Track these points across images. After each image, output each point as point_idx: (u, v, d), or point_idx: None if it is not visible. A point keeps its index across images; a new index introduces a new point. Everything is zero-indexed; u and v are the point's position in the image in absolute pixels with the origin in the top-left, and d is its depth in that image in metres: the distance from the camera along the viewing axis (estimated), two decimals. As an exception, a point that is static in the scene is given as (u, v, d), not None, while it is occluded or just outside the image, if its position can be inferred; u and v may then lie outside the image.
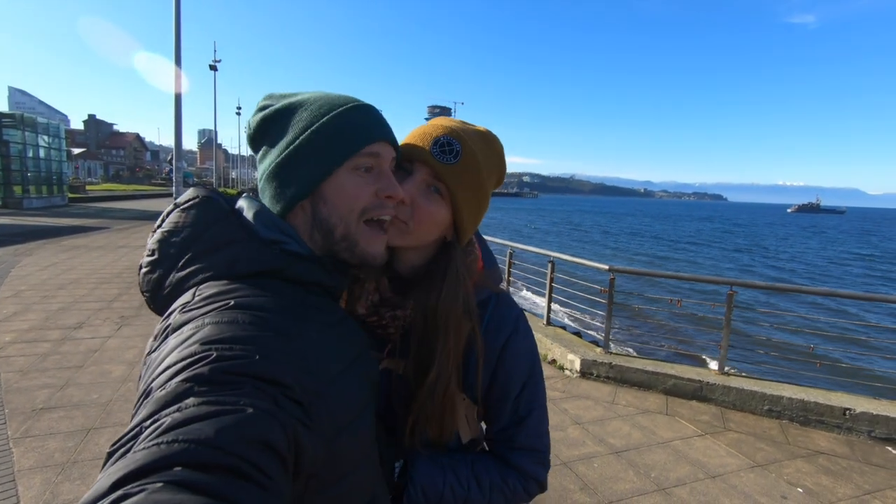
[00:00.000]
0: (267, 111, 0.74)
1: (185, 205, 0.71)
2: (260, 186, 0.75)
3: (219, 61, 30.26)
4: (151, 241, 0.70)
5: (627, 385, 4.58)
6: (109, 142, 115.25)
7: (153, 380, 0.50)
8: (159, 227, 0.70)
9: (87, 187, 38.66)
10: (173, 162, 11.41)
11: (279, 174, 0.72)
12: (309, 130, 0.71)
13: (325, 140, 0.70)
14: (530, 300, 7.84)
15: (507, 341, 0.88)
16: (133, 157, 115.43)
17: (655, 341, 7.96)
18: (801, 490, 3.07)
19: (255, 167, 0.82)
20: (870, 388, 4.39)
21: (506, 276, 6.83)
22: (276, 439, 0.46)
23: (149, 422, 0.43)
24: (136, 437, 0.42)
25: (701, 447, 3.51)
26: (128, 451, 0.41)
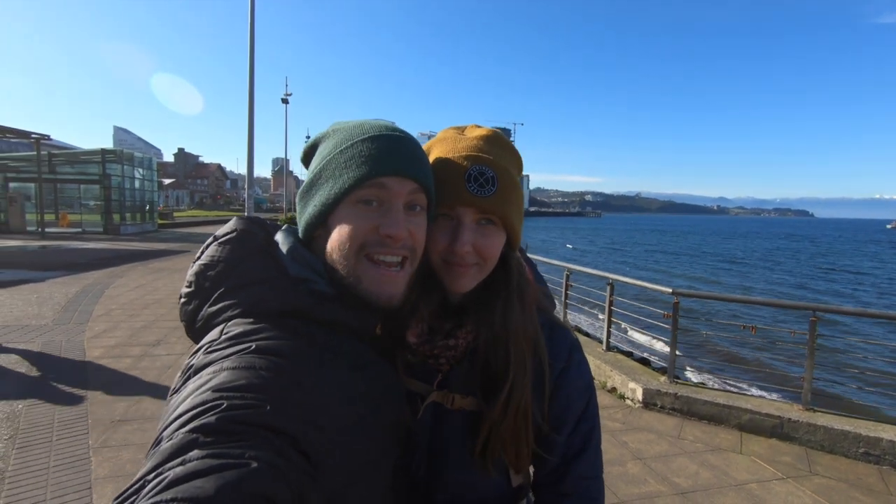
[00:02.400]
0: (318, 136, 0.77)
1: (223, 238, 0.72)
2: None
3: (290, 94, 32.42)
4: (190, 272, 0.71)
5: (695, 418, 4.23)
6: (195, 172, 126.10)
7: (165, 427, 0.51)
8: (198, 259, 0.72)
9: (175, 214, 42.29)
10: (250, 190, 12.23)
11: (301, 199, 0.75)
12: (326, 159, 0.71)
13: (333, 170, 0.69)
14: (588, 323, 7.50)
15: (562, 371, 0.83)
16: (215, 185, 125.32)
17: (727, 371, 7.30)
18: (906, 551, 2.65)
19: None
20: None
21: (563, 297, 6.63)
22: (279, 495, 0.45)
23: (152, 475, 0.43)
24: (138, 491, 0.42)
25: (782, 493, 3.15)
26: None
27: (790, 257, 43.07)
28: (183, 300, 0.71)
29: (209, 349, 0.60)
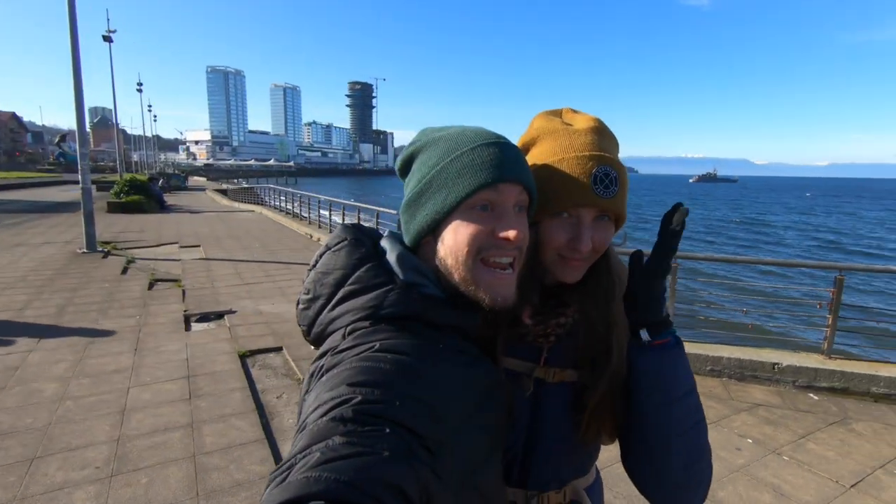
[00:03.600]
0: (414, 147, 0.79)
1: (336, 247, 0.77)
2: (399, 217, 0.81)
3: (113, 31, 27.05)
4: (308, 280, 0.78)
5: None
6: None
7: (308, 415, 0.56)
8: (314, 267, 0.78)
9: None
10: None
11: (409, 209, 0.77)
12: (436, 168, 0.73)
13: (446, 179, 0.72)
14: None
15: None
16: (10, 139, 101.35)
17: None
18: (750, 441, 3.44)
19: (159, 149, 0.80)
20: (789, 344, 4.97)
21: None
22: (409, 485, 0.49)
23: (301, 455, 0.49)
24: (291, 467, 0.48)
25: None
26: (284, 479, 0.46)
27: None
28: (302, 306, 0.77)
29: (336, 350, 0.65)
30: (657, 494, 0.84)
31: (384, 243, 0.79)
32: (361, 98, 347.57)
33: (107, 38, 26.87)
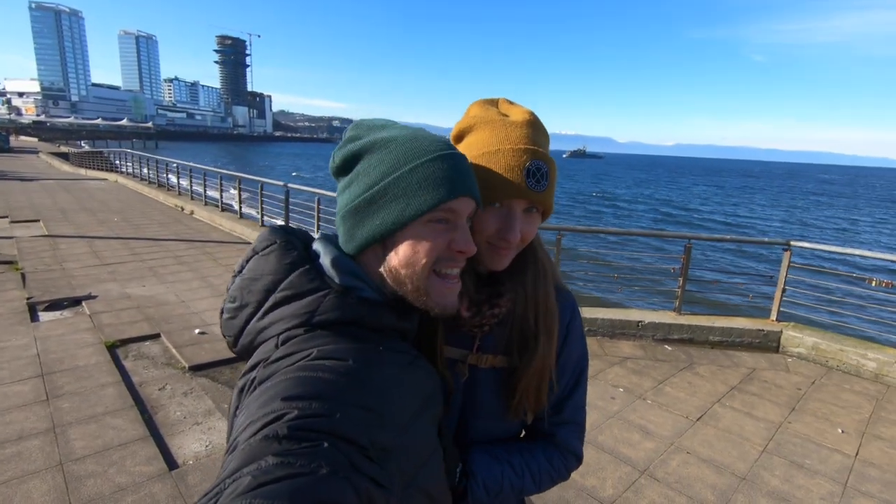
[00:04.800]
0: (354, 145, 0.74)
1: (264, 251, 0.73)
2: (336, 220, 0.78)
3: None
4: (233, 286, 0.72)
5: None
6: None
7: (239, 434, 0.53)
8: (239, 272, 0.73)
9: None
10: None
11: (355, 215, 0.73)
12: (390, 177, 0.70)
13: (405, 189, 0.70)
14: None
15: (570, 321, 0.97)
16: None
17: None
18: (621, 389, 3.96)
19: None
20: (650, 303, 5.75)
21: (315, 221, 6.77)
22: (348, 501, 0.48)
23: (230, 479, 0.46)
24: (218, 494, 0.45)
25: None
26: None
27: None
28: (227, 315, 0.72)
29: (270, 361, 0.62)
30: None
31: (317, 246, 0.76)
32: (233, 55, 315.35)
33: None
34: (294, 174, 47.81)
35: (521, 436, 1.06)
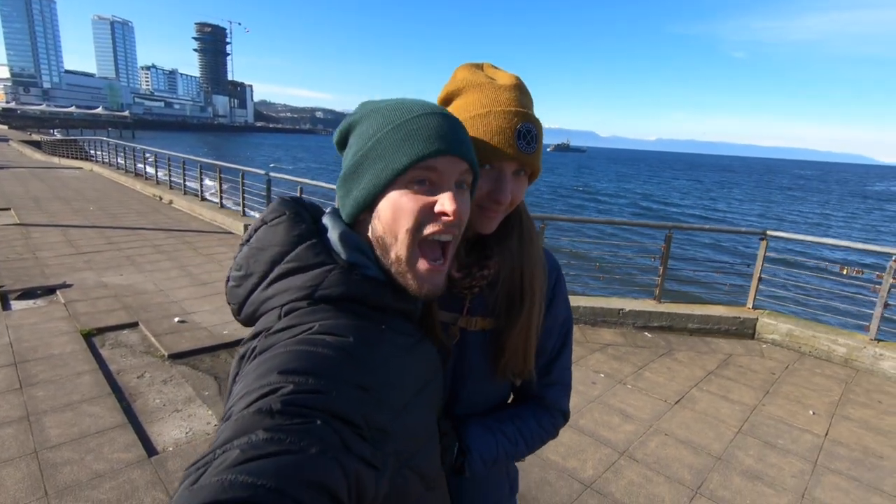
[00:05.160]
0: (353, 118, 0.74)
1: (273, 222, 0.71)
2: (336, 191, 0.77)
3: None
4: (240, 255, 0.72)
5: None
6: None
7: (234, 403, 0.52)
8: (247, 242, 0.72)
9: None
10: None
11: (345, 183, 0.73)
12: (373, 139, 0.69)
13: (383, 150, 0.68)
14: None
15: (555, 284, 0.99)
16: None
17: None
18: (602, 375, 4.02)
19: None
20: (631, 292, 5.84)
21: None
22: (336, 483, 0.47)
23: (221, 450, 0.45)
24: (208, 464, 0.44)
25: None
26: (198, 478, 0.43)
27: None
28: (233, 283, 0.72)
29: (271, 331, 0.61)
30: None
31: (326, 220, 0.75)
32: (212, 43, 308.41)
33: None
34: (272, 165, 47.01)
35: (510, 399, 1.07)
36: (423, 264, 0.70)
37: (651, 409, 3.52)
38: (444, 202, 0.68)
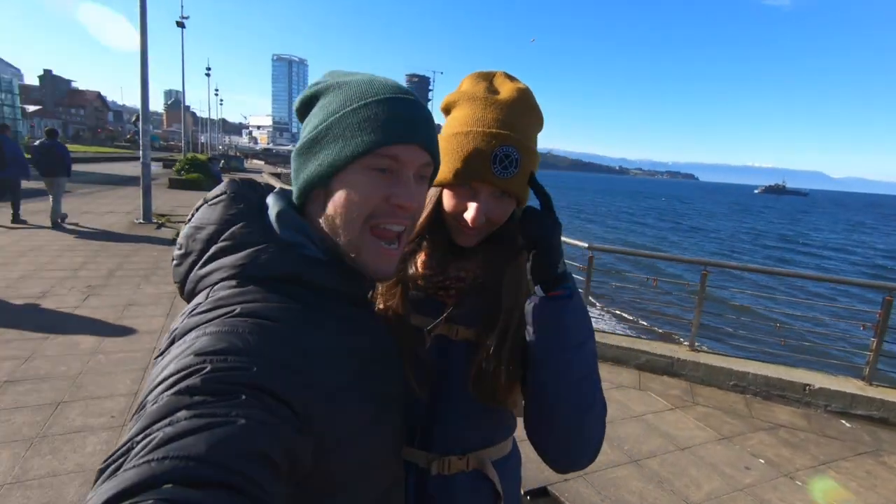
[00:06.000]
0: (318, 86, 0.71)
1: (213, 201, 0.71)
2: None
3: (186, 18, 28.63)
4: (181, 234, 0.72)
5: (602, 360, 4.71)
6: (68, 100, 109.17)
7: (149, 392, 0.50)
8: (189, 221, 0.72)
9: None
10: (139, 124, 10.88)
11: (300, 156, 0.71)
12: (336, 115, 0.67)
13: (345, 129, 0.65)
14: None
15: None
16: (94, 117, 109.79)
17: (631, 318, 8.23)
18: (762, 461, 3.24)
19: (224, 132, 0.79)
20: (827, 365, 4.63)
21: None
22: (270, 449, 0.46)
23: (140, 437, 0.43)
24: (127, 453, 0.42)
25: (672, 420, 3.66)
26: (119, 468, 0.41)
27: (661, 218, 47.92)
28: (175, 262, 0.71)
29: (194, 312, 0.59)
30: (548, 447, 0.82)
31: (270, 199, 0.73)
32: (418, 91, 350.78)
33: (180, 24, 28.45)
34: None
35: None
36: (374, 247, 0.68)
37: (827, 520, 2.70)
38: (401, 195, 0.67)
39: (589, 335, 0.80)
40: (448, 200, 0.85)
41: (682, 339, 5.53)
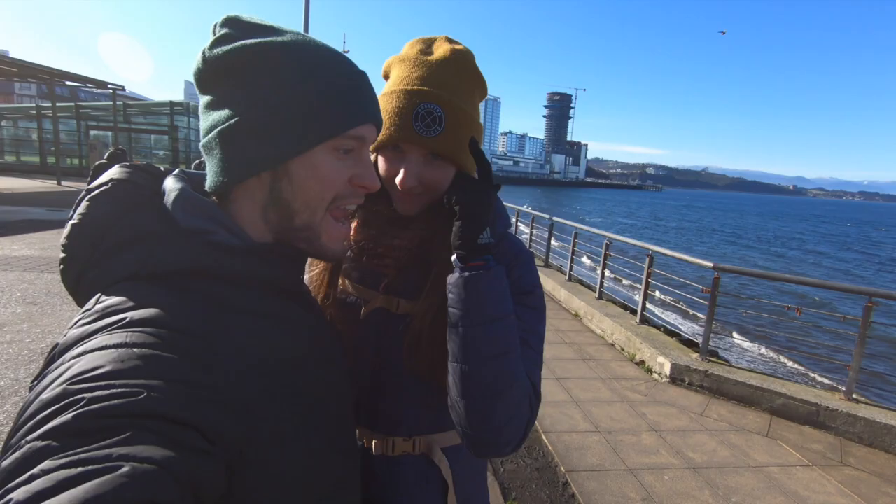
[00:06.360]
0: (232, 47, 0.58)
1: (96, 191, 0.60)
2: (206, 141, 0.61)
3: (346, 51, 32.42)
4: (64, 234, 0.59)
5: (724, 398, 4.08)
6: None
7: (12, 434, 0.41)
8: (70, 217, 0.59)
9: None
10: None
11: (236, 137, 0.59)
12: (290, 90, 0.58)
13: (306, 111, 0.59)
14: (624, 295, 7.21)
15: (508, 267, 0.82)
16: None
17: (765, 352, 7.01)
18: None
19: None
20: None
21: (600, 267, 6.48)
22: (162, 496, 0.38)
23: None
24: None
25: (804, 479, 3.01)
26: None
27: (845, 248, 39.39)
28: (61, 266, 0.59)
29: (77, 323, 0.50)
30: (459, 425, 0.74)
31: (168, 183, 0.63)
32: (559, 108, 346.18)
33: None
34: (580, 217, 47.49)
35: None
36: (334, 228, 0.65)
37: None
38: (365, 176, 0.65)
39: (507, 312, 0.72)
40: (381, 165, 0.83)
41: (836, 384, 4.52)
